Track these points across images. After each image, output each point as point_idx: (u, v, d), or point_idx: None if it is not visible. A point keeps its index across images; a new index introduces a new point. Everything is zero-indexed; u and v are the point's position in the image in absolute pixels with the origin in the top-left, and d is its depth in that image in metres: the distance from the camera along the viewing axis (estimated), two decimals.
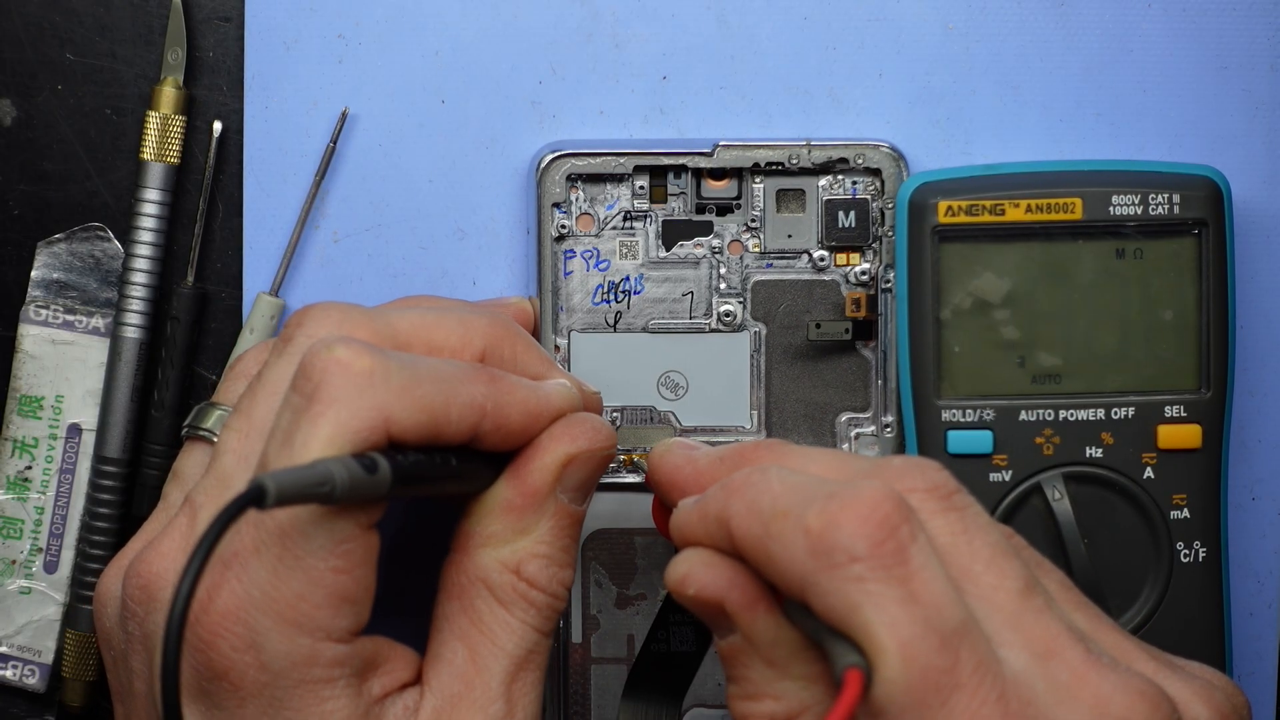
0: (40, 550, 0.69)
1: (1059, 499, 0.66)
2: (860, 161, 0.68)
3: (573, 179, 0.68)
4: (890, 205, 0.68)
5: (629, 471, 0.69)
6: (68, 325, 0.69)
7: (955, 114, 0.69)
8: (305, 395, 0.54)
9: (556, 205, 0.68)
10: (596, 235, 0.69)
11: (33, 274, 0.70)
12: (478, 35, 0.69)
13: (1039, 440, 0.66)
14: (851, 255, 0.68)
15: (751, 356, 0.69)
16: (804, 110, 0.69)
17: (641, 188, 0.68)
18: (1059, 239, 0.66)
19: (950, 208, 0.66)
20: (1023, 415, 0.66)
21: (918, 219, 0.66)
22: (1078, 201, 0.66)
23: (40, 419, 0.69)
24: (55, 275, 0.70)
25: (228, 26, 0.69)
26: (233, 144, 0.69)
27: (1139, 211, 0.66)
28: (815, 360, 0.69)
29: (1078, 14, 0.69)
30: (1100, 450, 0.66)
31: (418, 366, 0.56)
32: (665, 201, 0.69)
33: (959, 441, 0.66)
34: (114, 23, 0.69)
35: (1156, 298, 0.66)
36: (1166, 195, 0.66)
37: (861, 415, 0.69)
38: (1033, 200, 0.66)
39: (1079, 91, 0.69)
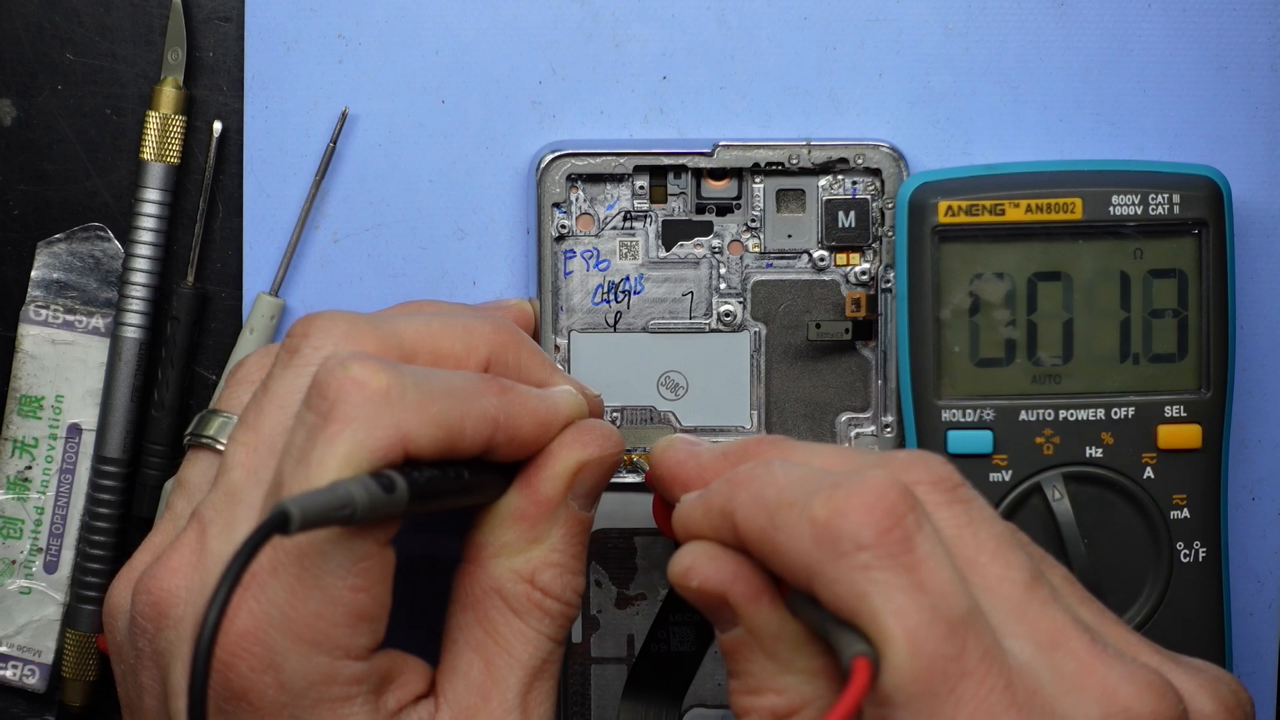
0: (40, 550, 0.69)
1: (1059, 499, 0.66)
2: (860, 161, 0.68)
3: (573, 179, 0.68)
4: (890, 205, 0.68)
5: (629, 471, 0.69)
6: (68, 325, 0.69)
7: (955, 114, 0.69)
8: (321, 414, 0.54)
9: (556, 205, 0.68)
10: (596, 235, 0.69)
11: (33, 274, 0.70)
12: (478, 35, 0.69)
13: (1039, 440, 0.66)
14: (851, 255, 0.68)
15: (751, 356, 0.69)
16: (804, 110, 0.69)
17: (641, 188, 0.68)
18: (1059, 239, 0.66)
19: (950, 208, 0.66)
20: (1023, 415, 0.66)
21: (918, 219, 0.66)
22: (1078, 201, 0.66)
23: (40, 419, 0.69)
24: (55, 275, 0.70)
25: (228, 26, 0.69)
26: (233, 144, 0.69)
27: (1139, 211, 0.66)
28: (815, 360, 0.69)
29: (1078, 14, 0.69)
30: (1100, 450, 0.66)
31: (432, 382, 0.56)
32: (665, 201, 0.69)
33: (959, 441, 0.66)
34: (114, 23, 0.69)
35: (1156, 298, 0.66)
36: (1166, 195, 0.65)
37: (861, 415, 0.69)
38: (1033, 200, 0.66)
39: (1079, 91, 0.69)
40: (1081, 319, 0.66)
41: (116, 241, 0.70)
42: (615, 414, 0.69)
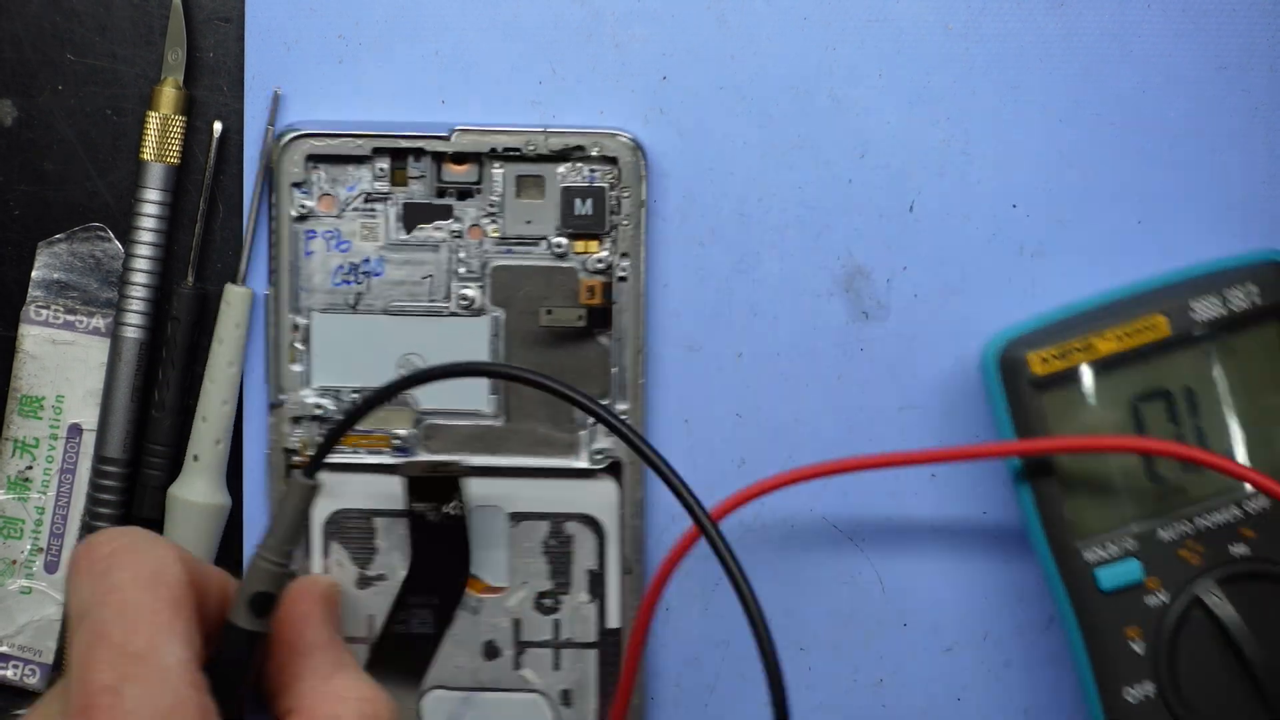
0: (41, 550, 0.70)
1: (1219, 604, 0.65)
2: (597, 150, 0.67)
3: (312, 159, 0.68)
4: (627, 194, 0.68)
5: (370, 453, 0.68)
6: (68, 325, 0.69)
7: (955, 114, 0.69)
8: (104, 558, 0.58)
9: (296, 185, 0.68)
10: (338, 216, 0.68)
11: (33, 274, 0.70)
12: (478, 35, 0.69)
13: (1183, 553, 0.65)
14: (589, 243, 0.68)
15: (490, 341, 0.69)
16: (803, 110, 0.69)
17: (382, 170, 0.68)
18: (1153, 358, 0.65)
19: (1042, 357, 0.65)
20: (1160, 534, 0.65)
21: (1012, 375, 0.65)
22: (1161, 319, 0.65)
23: (41, 419, 0.70)
24: (56, 275, 0.70)
25: (228, 27, 0.69)
26: (233, 144, 0.69)
27: (1222, 312, 0.65)
28: (554, 347, 0.68)
29: (1078, 14, 0.69)
30: (1245, 546, 0.65)
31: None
32: (406, 184, 0.68)
33: (1109, 577, 0.65)
34: (114, 23, 0.69)
35: (1257, 387, 0.66)
36: (1243, 288, 0.65)
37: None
38: (1118, 329, 0.65)
39: (1079, 91, 0.69)
40: (1191, 427, 0.66)
41: (117, 241, 0.70)
42: (355, 395, 0.68)
